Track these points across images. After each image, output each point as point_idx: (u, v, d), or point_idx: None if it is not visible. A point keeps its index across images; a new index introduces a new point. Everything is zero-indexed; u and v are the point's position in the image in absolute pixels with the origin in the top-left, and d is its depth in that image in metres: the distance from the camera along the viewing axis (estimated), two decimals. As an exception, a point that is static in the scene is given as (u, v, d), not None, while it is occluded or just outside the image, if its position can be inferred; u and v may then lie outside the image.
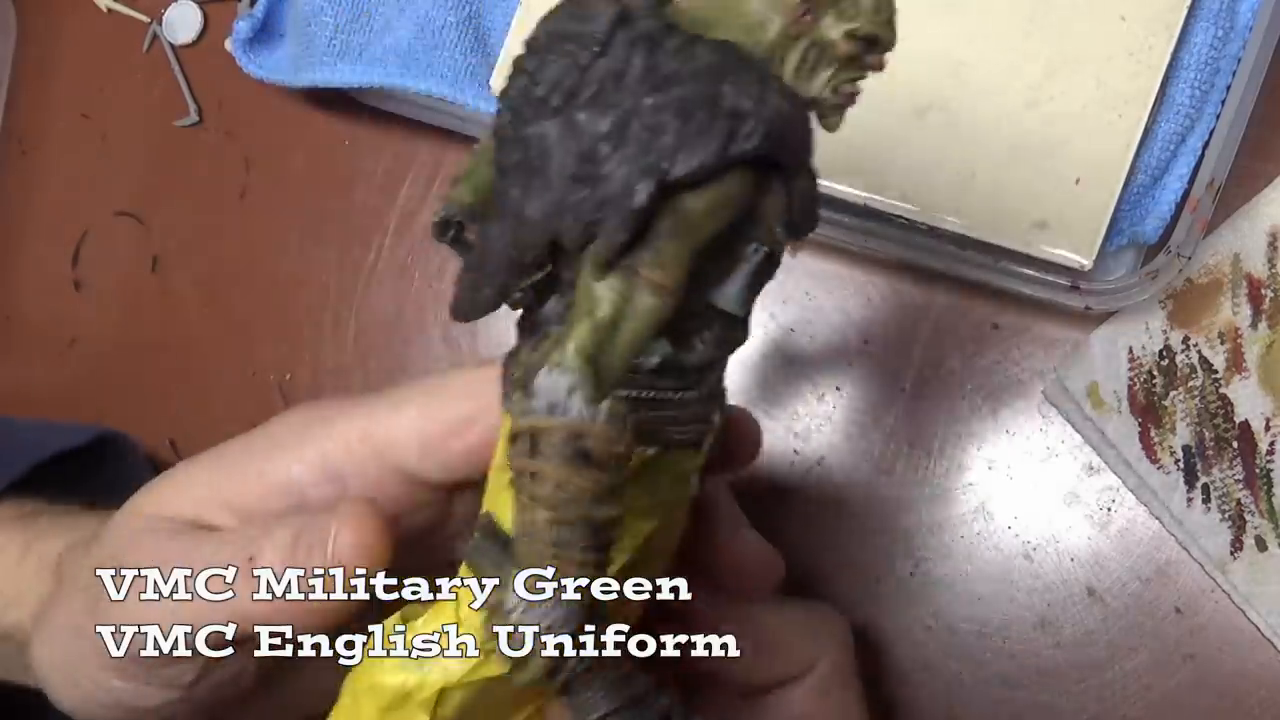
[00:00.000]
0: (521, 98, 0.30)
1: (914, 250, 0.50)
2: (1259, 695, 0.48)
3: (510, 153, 0.30)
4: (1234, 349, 0.49)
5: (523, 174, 0.30)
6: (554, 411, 0.29)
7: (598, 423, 0.29)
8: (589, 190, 0.29)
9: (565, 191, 0.29)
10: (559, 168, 0.30)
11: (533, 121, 0.30)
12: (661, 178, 0.29)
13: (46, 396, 0.64)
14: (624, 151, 0.29)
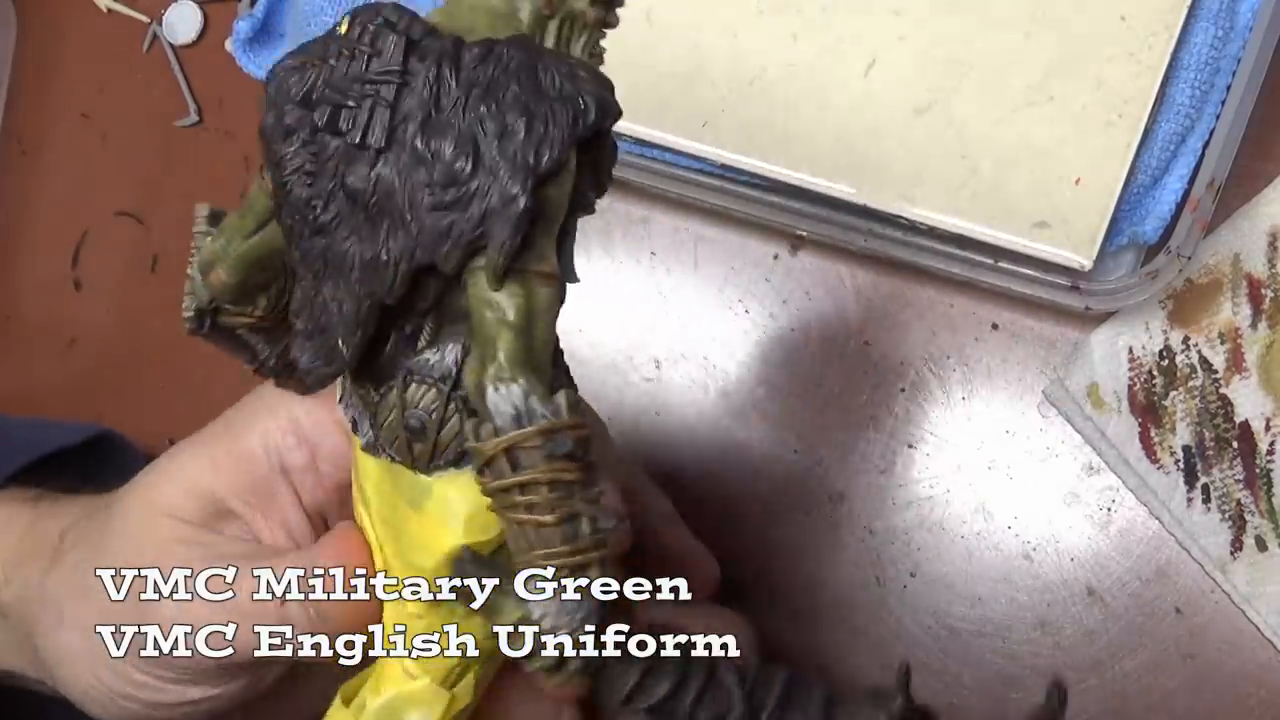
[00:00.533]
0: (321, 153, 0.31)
1: (914, 250, 0.50)
2: (1259, 695, 0.48)
3: (324, 210, 0.31)
4: (1234, 349, 0.49)
5: (357, 223, 0.31)
6: (521, 421, 0.30)
7: (564, 416, 0.30)
8: (460, 212, 0.30)
9: (432, 220, 0.30)
10: (413, 201, 0.30)
11: (351, 170, 0.31)
12: (533, 176, 0.30)
13: (46, 396, 0.64)
14: (485, 165, 0.30)
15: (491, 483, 0.31)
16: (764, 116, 0.51)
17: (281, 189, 0.32)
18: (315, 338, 0.33)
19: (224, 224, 0.36)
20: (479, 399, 0.31)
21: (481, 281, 0.31)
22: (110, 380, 0.63)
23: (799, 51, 0.52)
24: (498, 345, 0.31)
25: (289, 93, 0.31)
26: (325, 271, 0.32)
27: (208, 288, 0.36)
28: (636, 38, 0.54)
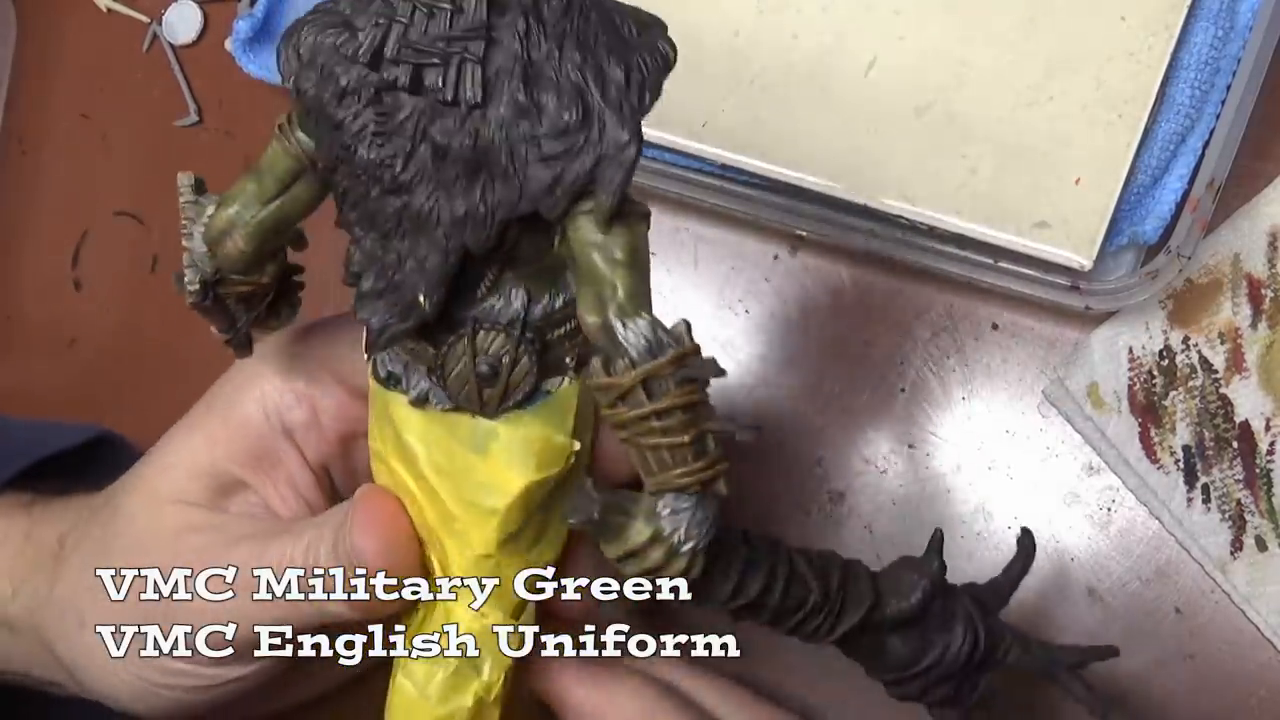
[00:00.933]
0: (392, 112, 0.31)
1: (914, 250, 0.50)
2: (1259, 695, 0.48)
3: (404, 169, 0.31)
4: (1234, 349, 0.49)
5: (444, 178, 0.31)
6: (654, 352, 0.32)
7: (688, 342, 0.32)
8: (570, 161, 0.31)
9: (539, 171, 0.31)
10: (514, 153, 0.31)
11: (437, 127, 0.31)
12: (637, 119, 0.31)
13: (46, 396, 0.64)
14: (594, 114, 0.31)
15: (628, 413, 0.32)
16: (764, 116, 0.51)
17: (344, 150, 0.32)
18: (387, 295, 0.33)
19: (234, 190, 0.35)
20: (607, 337, 0.32)
21: (586, 225, 0.32)
22: (110, 380, 0.63)
23: (799, 51, 0.52)
24: (616, 284, 0.32)
25: (342, 52, 0.31)
26: (398, 229, 0.32)
27: (218, 258, 0.36)
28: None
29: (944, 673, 0.40)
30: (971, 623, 0.40)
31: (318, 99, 0.32)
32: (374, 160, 0.32)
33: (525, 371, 0.35)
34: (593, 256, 0.32)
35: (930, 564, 0.40)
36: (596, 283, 0.32)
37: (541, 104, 0.31)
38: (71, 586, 0.42)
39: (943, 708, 0.42)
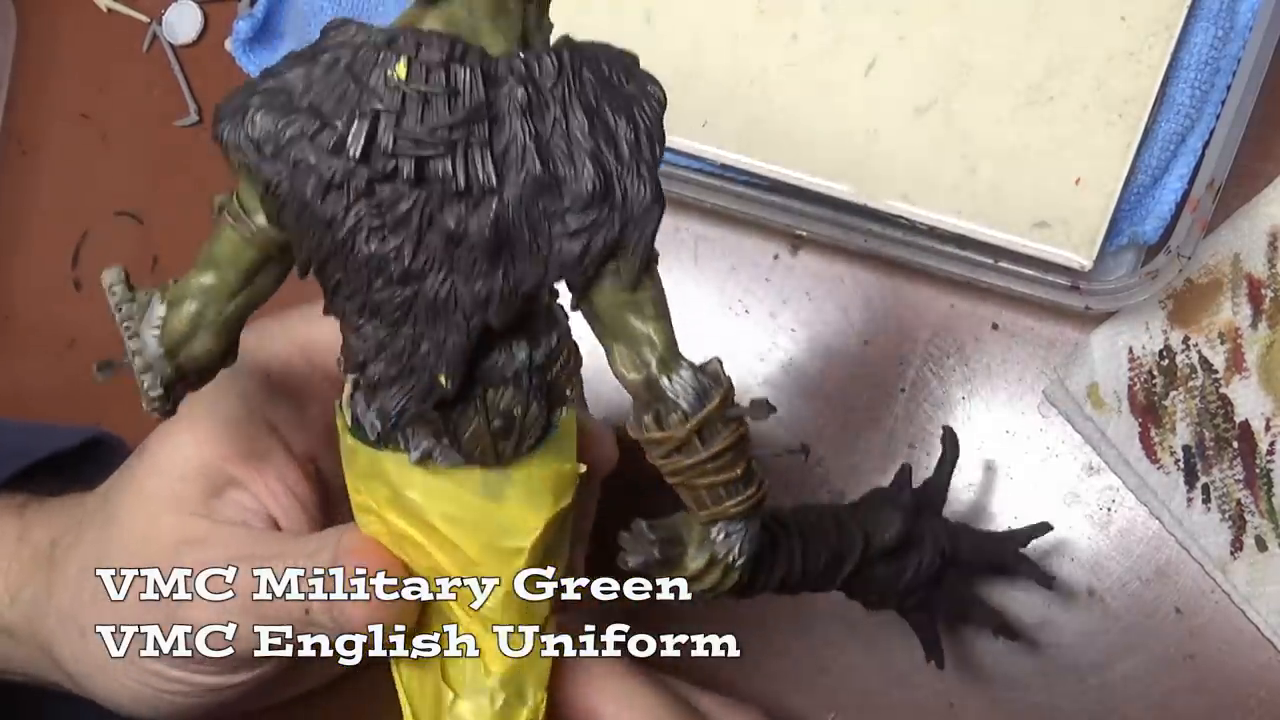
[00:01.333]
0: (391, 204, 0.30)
1: (914, 250, 0.50)
2: (1259, 695, 0.48)
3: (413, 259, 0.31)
4: (1234, 349, 0.49)
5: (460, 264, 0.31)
6: (703, 400, 0.32)
7: (725, 382, 0.33)
8: (598, 230, 0.31)
9: (567, 244, 0.31)
10: (536, 230, 0.31)
11: (446, 214, 0.30)
12: (655, 174, 0.31)
13: (45, 397, 0.64)
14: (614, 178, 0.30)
15: (684, 461, 0.33)
16: (764, 116, 0.51)
17: (338, 246, 0.31)
18: (402, 380, 0.33)
19: (189, 287, 0.33)
20: (651, 392, 0.32)
21: (608, 288, 0.32)
22: (110, 381, 0.63)
23: (799, 51, 0.52)
24: (654, 339, 0.32)
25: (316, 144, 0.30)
26: (409, 316, 0.32)
27: (181, 359, 0.34)
28: (636, 38, 0.54)
29: (916, 583, 0.43)
30: (936, 537, 0.44)
31: (294, 194, 0.30)
32: (377, 254, 0.30)
33: (535, 417, 0.35)
34: (625, 316, 0.32)
35: (902, 496, 0.44)
36: (632, 340, 0.32)
37: (560, 176, 0.30)
38: (70, 593, 0.42)
39: (916, 612, 0.45)
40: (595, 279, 0.32)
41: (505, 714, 0.37)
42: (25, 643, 0.44)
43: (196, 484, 0.40)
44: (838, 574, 0.41)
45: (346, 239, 0.30)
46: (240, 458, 0.41)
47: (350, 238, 0.30)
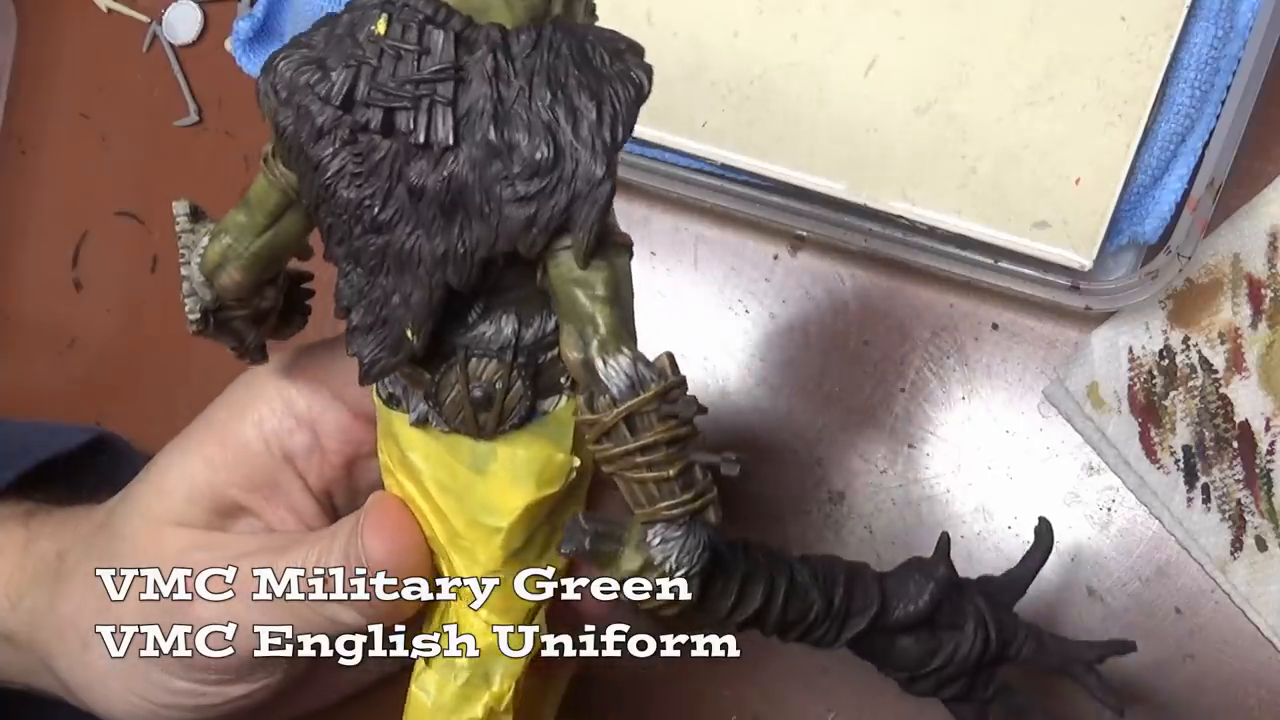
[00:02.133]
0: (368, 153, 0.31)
1: (914, 250, 0.50)
2: (1259, 695, 0.48)
3: (382, 209, 0.31)
4: (1234, 349, 0.49)
5: (423, 218, 0.31)
6: (636, 389, 0.32)
7: (670, 376, 0.32)
8: (545, 200, 0.31)
9: (514, 210, 0.31)
10: (489, 194, 0.31)
11: (411, 168, 0.31)
12: (612, 155, 0.31)
13: (46, 397, 0.64)
14: (565, 152, 0.31)
15: (612, 449, 0.32)
16: (764, 116, 0.51)
17: (324, 190, 0.32)
18: (375, 330, 0.33)
19: (226, 222, 0.36)
20: (588, 374, 0.32)
21: (565, 261, 0.32)
22: (110, 380, 0.63)
23: (799, 51, 0.52)
24: (598, 320, 0.32)
25: (315, 92, 0.31)
26: (383, 266, 0.32)
27: (216, 288, 0.36)
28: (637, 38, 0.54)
29: (956, 670, 0.41)
30: (983, 620, 0.41)
31: (295, 137, 0.32)
32: (354, 200, 0.32)
33: (519, 396, 0.35)
34: (573, 292, 0.32)
35: (937, 567, 0.41)
36: (578, 319, 0.32)
37: (513, 143, 0.31)
38: (75, 605, 0.41)
39: (958, 703, 0.42)
40: (550, 254, 0.32)
41: (466, 693, 0.37)
42: (25, 650, 0.44)
43: (203, 506, 0.40)
44: (841, 632, 0.39)
45: (331, 182, 0.32)
46: (251, 487, 0.41)
47: (334, 181, 0.32)
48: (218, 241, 0.35)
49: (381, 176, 0.31)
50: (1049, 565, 0.50)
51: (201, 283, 0.36)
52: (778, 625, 0.38)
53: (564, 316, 0.33)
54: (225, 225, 0.36)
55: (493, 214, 0.31)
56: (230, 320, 0.37)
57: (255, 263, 0.35)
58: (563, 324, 0.33)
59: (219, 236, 0.35)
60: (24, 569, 0.44)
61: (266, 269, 0.36)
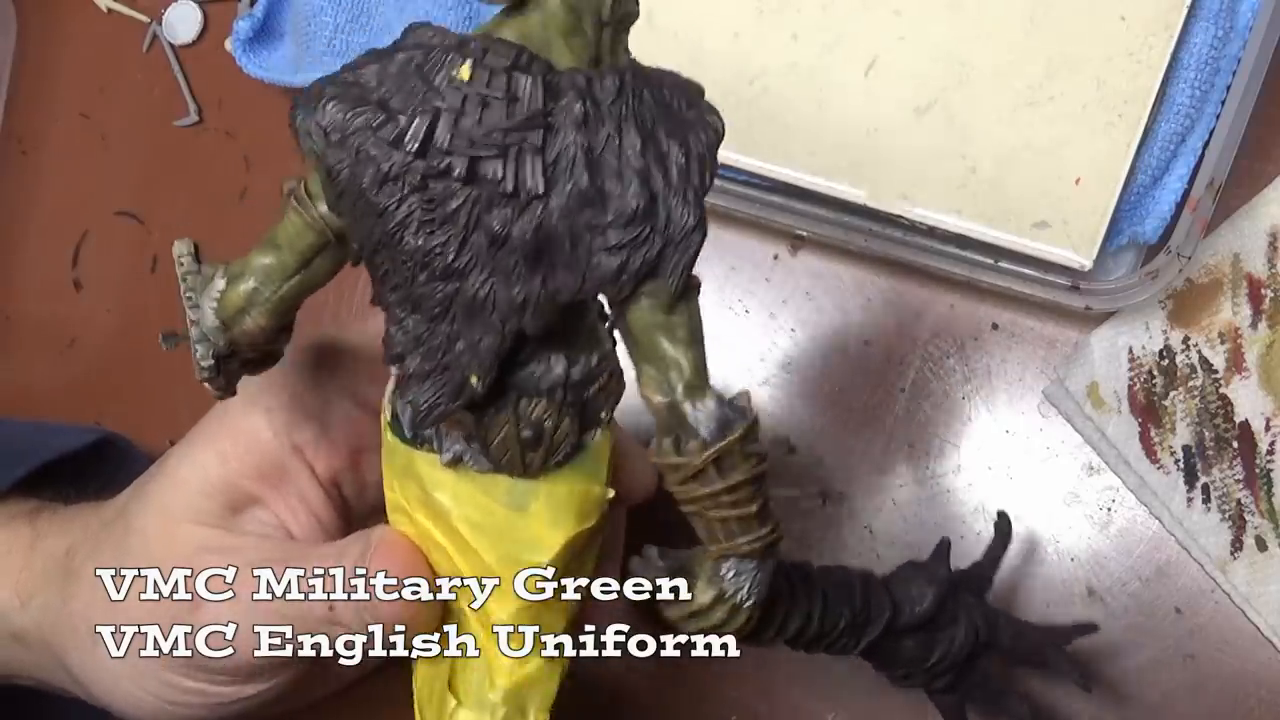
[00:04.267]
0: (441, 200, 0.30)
1: (914, 250, 0.50)
2: (1259, 695, 0.48)
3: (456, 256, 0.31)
4: (1234, 349, 0.49)
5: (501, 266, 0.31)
6: (725, 430, 0.32)
7: (751, 415, 0.32)
8: (638, 248, 0.31)
9: (606, 259, 0.31)
10: (578, 240, 0.31)
11: (493, 216, 0.30)
12: (701, 201, 0.31)
13: (46, 397, 0.64)
14: (660, 199, 0.31)
15: (699, 490, 0.33)
16: (764, 116, 0.51)
17: (387, 236, 0.31)
18: (434, 376, 0.33)
19: (249, 265, 0.34)
20: (674, 418, 0.32)
21: (647, 305, 0.32)
22: (110, 380, 0.63)
23: (799, 51, 0.52)
24: (682, 364, 0.32)
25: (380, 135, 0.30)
26: (448, 313, 0.32)
27: (233, 334, 0.35)
28: (638, 39, 0.54)
29: (949, 664, 0.42)
30: (972, 617, 0.42)
31: (353, 182, 0.31)
32: (422, 247, 0.31)
33: (566, 434, 0.35)
34: (656, 337, 0.32)
35: (938, 570, 0.42)
36: (661, 363, 0.32)
37: (606, 192, 0.30)
38: (85, 602, 0.42)
39: (943, 694, 0.44)
40: (632, 298, 0.32)
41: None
42: (36, 648, 0.44)
43: (216, 499, 0.40)
44: (860, 640, 0.41)
45: (396, 230, 0.31)
46: (261, 476, 0.41)
47: (400, 229, 0.31)
48: (239, 286, 0.34)
49: (457, 224, 0.30)
50: (1049, 565, 0.50)
51: (214, 328, 0.35)
52: (810, 641, 0.39)
53: (644, 359, 0.32)
54: (247, 267, 0.34)
55: (581, 261, 0.31)
56: (239, 366, 0.36)
57: (281, 307, 0.34)
58: (642, 365, 0.33)
59: (240, 280, 0.34)
60: (32, 568, 0.44)
61: (290, 313, 0.35)
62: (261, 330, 0.34)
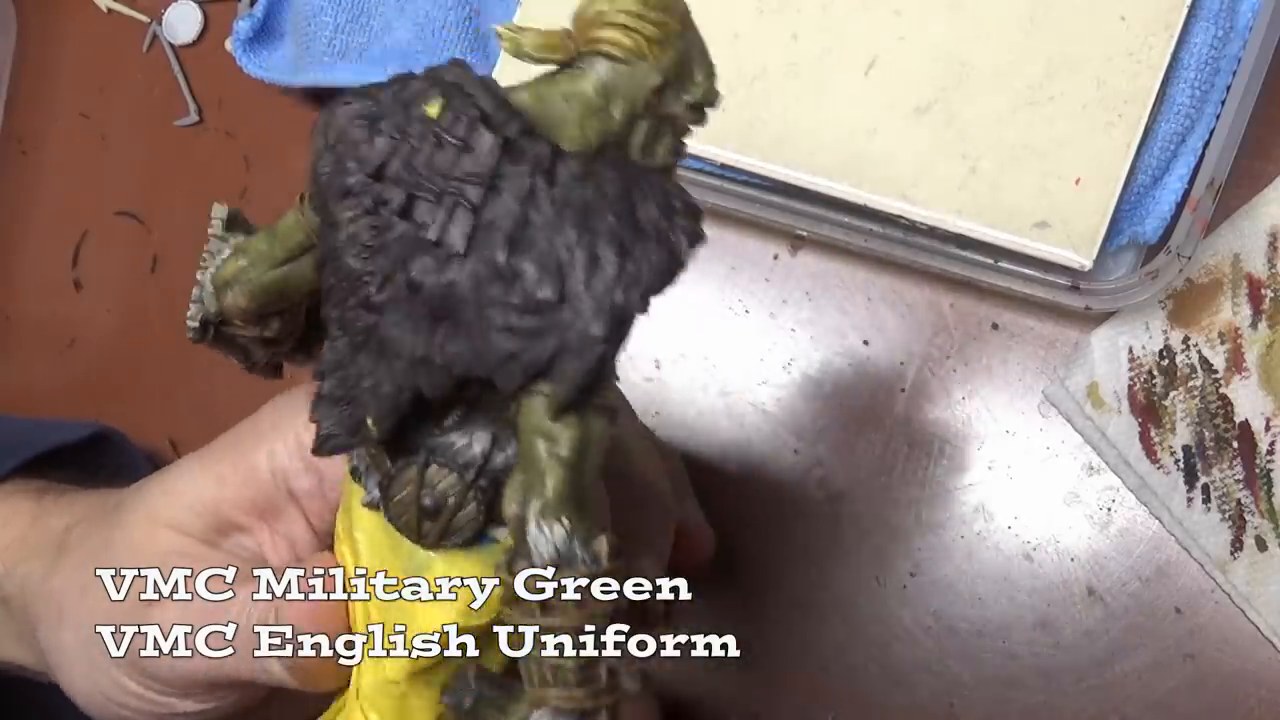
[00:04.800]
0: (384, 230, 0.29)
1: (914, 250, 0.50)
2: (1259, 695, 0.48)
3: (379, 290, 0.30)
4: (1234, 349, 0.49)
5: (414, 314, 0.30)
6: (561, 565, 0.29)
7: (604, 564, 0.30)
8: (534, 340, 0.29)
9: (501, 340, 0.29)
10: (482, 314, 0.29)
11: (416, 262, 0.29)
12: (617, 319, 0.29)
13: (46, 396, 0.64)
14: (569, 299, 0.29)
15: (517, 617, 0.30)
16: (764, 116, 0.51)
17: (332, 251, 0.30)
18: (341, 406, 0.32)
19: (248, 244, 0.35)
20: (518, 532, 0.30)
21: (538, 407, 0.30)
22: (110, 380, 0.63)
23: (799, 51, 0.52)
24: (546, 480, 0.30)
25: (356, 150, 0.30)
26: (366, 345, 0.31)
27: (220, 305, 0.35)
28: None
29: None
30: None
31: (327, 187, 0.30)
32: (357, 271, 0.30)
33: (470, 518, 0.33)
34: (535, 443, 0.30)
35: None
36: (530, 471, 0.30)
37: (521, 272, 0.29)
38: (64, 581, 0.42)
39: None
40: (524, 392, 0.30)
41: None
42: (17, 617, 0.44)
43: (204, 519, 0.41)
44: None
45: (342, 247, 0.30)
46: (253, 509, 0.41)
47: (345, 247, 0.30)
48: (234, 260, 0.35)
49: (389, 257, 0.29)
50: (1049, 565, 0.50)
51: (210, 294, 0.35)
52: None
53: (519, 463, 0.30)
54: (247, 248, 0.35)
55: (479, 336, 0.29)
56: (233, 337, 0.36)
57: (262, 294, 0.34)
58: (514, 471, 0.31)
59: (238, 255, 0.35)
60: (27, 541, 0.45)
61: (272, 303, 0.35)
62: (240, 309, 0.35)
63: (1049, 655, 0.49)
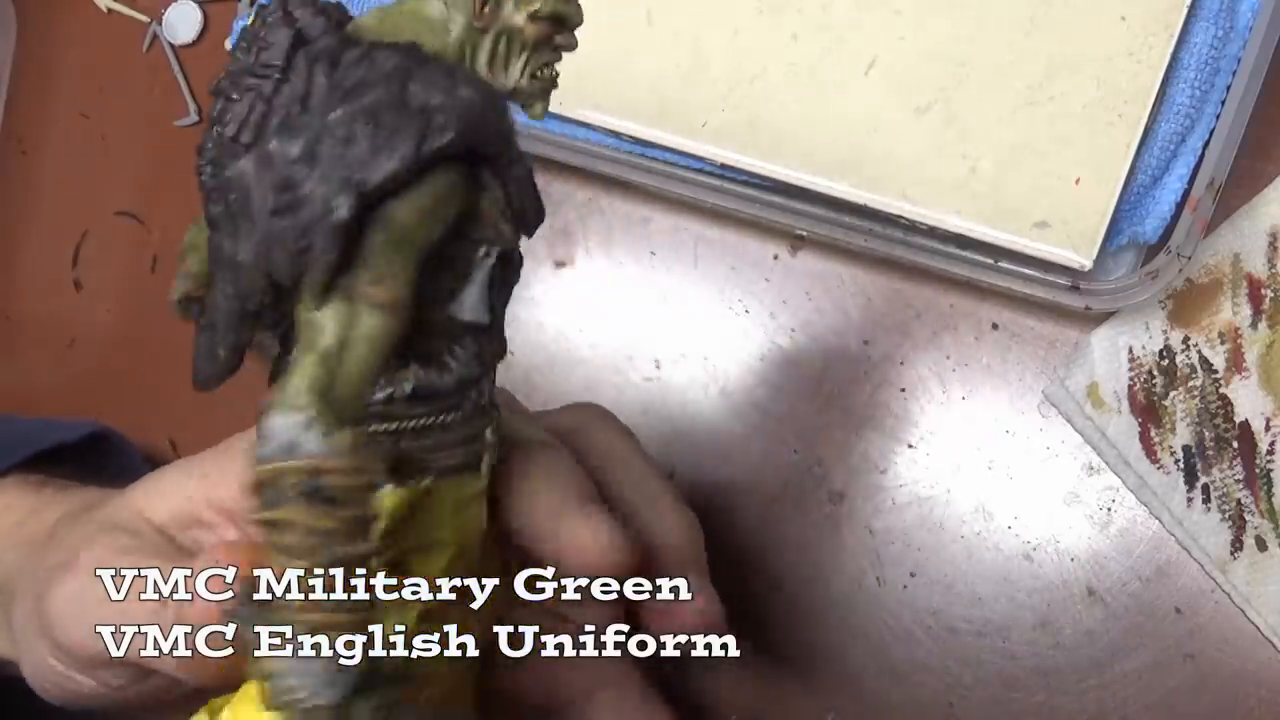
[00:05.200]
0: (215, 144, 0.29)
1: (914, 250, 0.50)
2: (1259, 695, 0.48)
3: (214, 203, 0.29)
4: (1234, 349, 0.49)
5: (229, 220, 0.29)
6: (290, 452, 0.28)
7: (335, 457, 0.28)
8: (291, 219, 0.28)
9: (268, 226, 0.28)
10: (260, 204, 0.28)
11: (228, 164, 0.29)
12: (359, 189, 0.28)
13: (46, 396, 0.64)
14: (318, 171, 0.28)
15: (258, 512, 0.29)
16: (764, 116, 0.51)
17: (201, 174, 0.30)
18: (205, 333, 0.31)
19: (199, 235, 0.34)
20: (260, 419, 0.29)
21: (305, 299, 0.29)
22: (110, 380, 0.63)
23: (799, 51, 0.52)
24: (298, 368, 0.29)
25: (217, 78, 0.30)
26: (217, 266, 0.30)
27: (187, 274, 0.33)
28: (637, 38, 0.54)
29: None
30: None
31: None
32: (202, 185, 0.30)
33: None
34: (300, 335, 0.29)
35: None
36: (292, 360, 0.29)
37: (284, 153, 0.28)
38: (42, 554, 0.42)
39: None
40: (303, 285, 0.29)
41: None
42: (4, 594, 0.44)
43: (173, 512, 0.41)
44: None
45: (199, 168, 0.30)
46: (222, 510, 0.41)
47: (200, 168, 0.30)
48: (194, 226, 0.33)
49: (219, 167, 0.29)
50: (1049, 565, 0.50)
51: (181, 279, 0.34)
52: None
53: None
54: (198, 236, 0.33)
55: (258, 226, 0.28)
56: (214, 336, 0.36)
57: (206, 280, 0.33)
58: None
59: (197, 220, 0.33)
60: (24, 528, 0.45)
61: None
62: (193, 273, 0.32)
63: (1049, 655, 0.49)
